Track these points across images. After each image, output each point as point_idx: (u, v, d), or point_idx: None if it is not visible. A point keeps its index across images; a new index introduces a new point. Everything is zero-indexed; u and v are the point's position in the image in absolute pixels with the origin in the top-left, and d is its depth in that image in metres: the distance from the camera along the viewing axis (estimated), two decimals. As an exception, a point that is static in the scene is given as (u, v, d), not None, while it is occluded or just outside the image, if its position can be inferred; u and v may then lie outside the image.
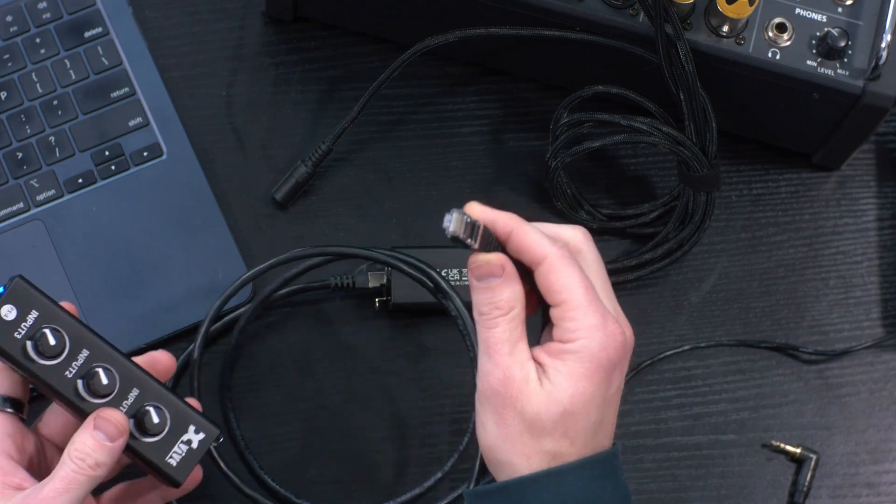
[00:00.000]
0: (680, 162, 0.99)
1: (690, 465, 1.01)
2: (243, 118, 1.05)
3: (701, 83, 0.96)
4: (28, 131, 1.01)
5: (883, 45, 0.94)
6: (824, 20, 0.97)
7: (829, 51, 0.96)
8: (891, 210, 1.07)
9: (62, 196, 1.01)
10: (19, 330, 0.81)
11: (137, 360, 0.86)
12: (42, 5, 1.03)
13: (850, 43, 0.96)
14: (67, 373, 0.82)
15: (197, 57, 1.06)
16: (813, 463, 1.01)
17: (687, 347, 1.03)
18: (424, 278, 0.97)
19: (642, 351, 1.03)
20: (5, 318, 0.81)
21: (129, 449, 0.83)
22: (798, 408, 1.03)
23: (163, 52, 1.05)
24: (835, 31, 0.95)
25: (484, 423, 0.78)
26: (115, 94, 1.03)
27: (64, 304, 0.84)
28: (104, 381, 0.82)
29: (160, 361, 0.88)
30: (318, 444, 0.99)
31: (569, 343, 0.77)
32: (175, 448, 0.83)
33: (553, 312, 0.78)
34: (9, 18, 1.03)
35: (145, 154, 1.02)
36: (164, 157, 1.02)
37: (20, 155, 1.01)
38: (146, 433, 0.83)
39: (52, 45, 1.03)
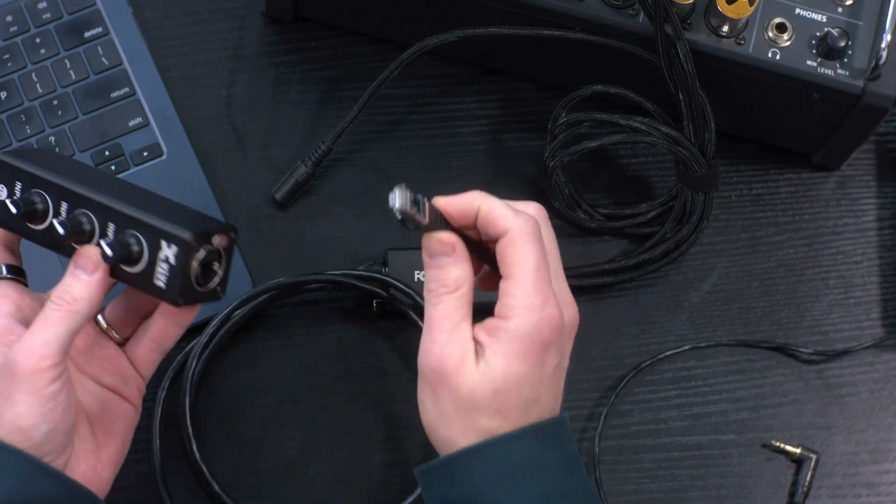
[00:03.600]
0: (678, 162, 0.99)
1: (690, 465, 1.01)
2: (243, 118, 1.05)
3: (701, 83, 0.96)
4: (28, 131, 1.01)
5: (883, 45, 0.94)
6: (824, 20, 0.97)
7: (829, 51, 0.96)
8: (891, 210, 1.06)
9: (62, 196, 1.01)
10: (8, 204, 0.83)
11: None
12: (42, 5, 1.03)
13: (850, 43, 0.96)
14: (59, 230, 0.81)
15: (197, 57, 1.06)
16: (813, 463, 1.01)
17: (687, 347, 1.03)
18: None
19: (642, 351, 1.03)
20: None
21: (127, 281, 0.82)
22: (798, 408, 1.03)
23: (163, 52, 1.05)
24: (835, 31, 0.95)
25: (423, 402, 0.80)
26: (115, 94, 1.03)
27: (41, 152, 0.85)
28: (61, 231, 0.81)
29: None
30: (318, 444, 0.99)
31: (504, 320, 0.78)
32: (158, 269, 0.81)
33: (502, 284, 0.79)
34: (9, 18, 1.03)
35: (145, 154, 1.02)
36: (164, 157, 1.02)
37: (20, 155, 1.01)
38: (131, 263, 0.81)
39: (52, 45, 1.03)
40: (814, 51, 0.96)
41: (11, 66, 1.02)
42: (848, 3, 0.97)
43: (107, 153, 1.02)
